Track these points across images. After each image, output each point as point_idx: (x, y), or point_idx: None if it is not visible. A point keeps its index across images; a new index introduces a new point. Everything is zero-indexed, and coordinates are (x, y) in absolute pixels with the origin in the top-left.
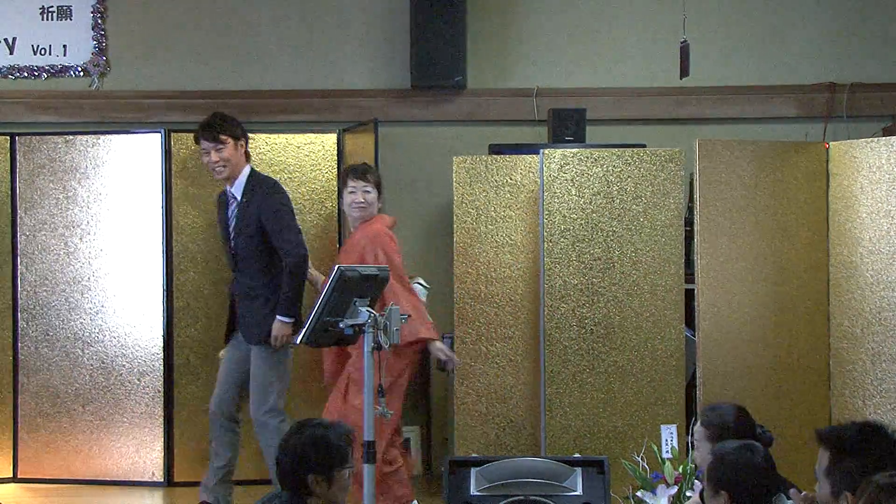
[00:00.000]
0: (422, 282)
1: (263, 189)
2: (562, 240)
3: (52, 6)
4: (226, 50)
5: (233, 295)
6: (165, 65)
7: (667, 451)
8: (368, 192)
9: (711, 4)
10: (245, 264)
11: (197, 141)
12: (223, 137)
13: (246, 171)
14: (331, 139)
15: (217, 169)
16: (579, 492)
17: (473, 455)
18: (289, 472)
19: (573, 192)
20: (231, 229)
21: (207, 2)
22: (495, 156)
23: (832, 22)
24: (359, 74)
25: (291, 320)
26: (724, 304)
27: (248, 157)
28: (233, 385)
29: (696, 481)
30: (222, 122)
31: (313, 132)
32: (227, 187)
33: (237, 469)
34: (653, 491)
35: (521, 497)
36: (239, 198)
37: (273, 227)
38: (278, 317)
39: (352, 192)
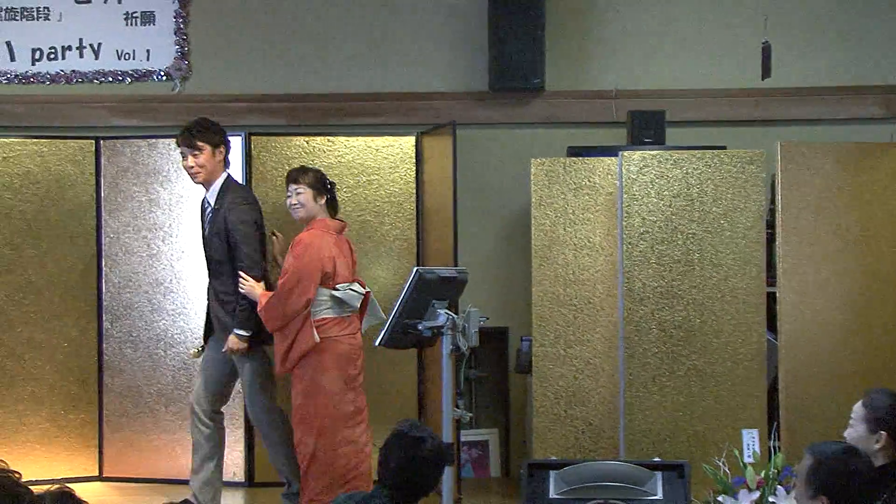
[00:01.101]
0: (355, 288)
1: (232, 197)
2: (641, 242)
3: (135, 12)
4: (306, 53)
5: (208, 298)
6: (246, 68)
7: (748, 456)
8: (300, 192)
9: (794, 4)
10: (217, 269)
11: (178, 144)
12: (200, 144)
13: (222, 177)
14: (409, 142)
15: (192, 174)
16: (659, 496)
17: (552, 458)
18: (424, 479)
19: (652, 195)
20: (205, 235)
21: (288, 6)
22: (574, 158)
23: None
24: (437, 77)
25: (248, 333)
26: (807, 307)
27: (226, 163)
28: (209, 383)
29: (778, 486)
30: (201, 128)
31: (392, 135)
32: (205, 193)
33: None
34: (734, 496)
35: (601, 501)
36: (213, 204)
37: (234, 239)
38: (235, 330)
39: (288, 197)
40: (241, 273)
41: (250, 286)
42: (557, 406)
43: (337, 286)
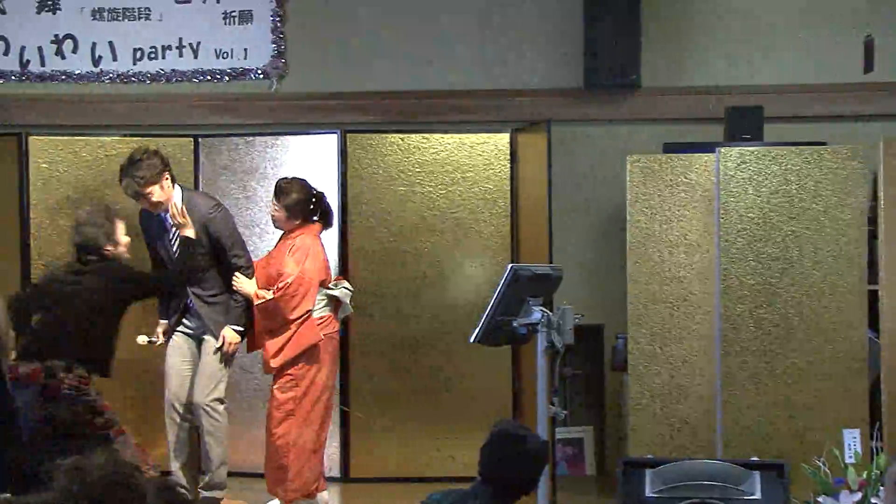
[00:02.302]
0: (346, 286)
1: (202, 207)
2: (738, 239)
3: (234, 11)
4: (401, 51)
5: (188, 305)
6: (341, 67)
7: (850, 456)
8: (277, 211)
9: None
10: (198, 277)
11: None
12: (146, 191)
13: (176, 192)
14: (504, 139)
15: (156, 211)
16: (758, 496)
17: (648, 456)
18: (527, 477)
19: (750, 191)
20: (174, 251)
21: (383, 4)
22: (670, 154)
23: None
24: (532, 74)
25: (243, 329)
26: None
27: (173, 180)
28: (188, 379)
29: (881, 488)
30: (137, 175)
31: (486, 132)
32: (161, 213)
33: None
34: (835, 496)
35: (698, 500)
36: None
37: (227, 245)
38: (231, 326)
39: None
40: (237, 273)
41: (243, 284)
42: (653, 404)
43: (329, 285)
